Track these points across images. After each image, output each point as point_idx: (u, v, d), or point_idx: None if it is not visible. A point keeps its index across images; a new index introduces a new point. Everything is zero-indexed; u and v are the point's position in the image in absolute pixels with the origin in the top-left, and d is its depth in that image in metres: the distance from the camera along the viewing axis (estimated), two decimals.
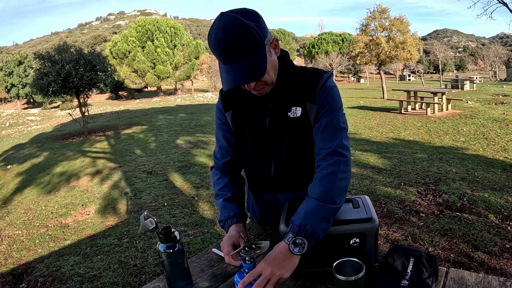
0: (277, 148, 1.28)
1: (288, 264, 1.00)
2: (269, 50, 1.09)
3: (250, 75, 1.04)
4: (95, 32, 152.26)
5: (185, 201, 4.81)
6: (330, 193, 1.07)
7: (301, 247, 1.01)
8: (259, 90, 1.15)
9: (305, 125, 1.23)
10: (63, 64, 11.81)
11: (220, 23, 0.99)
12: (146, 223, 1.03)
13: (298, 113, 1.22)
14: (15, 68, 39.62)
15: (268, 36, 1.08)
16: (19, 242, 4.08)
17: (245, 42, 1.00)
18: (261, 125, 1.27)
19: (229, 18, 0.99)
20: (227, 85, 1.06)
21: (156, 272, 3.07)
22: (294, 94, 1.22)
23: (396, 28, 16.30)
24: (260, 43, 1.03)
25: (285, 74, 1.21)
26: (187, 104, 22.75)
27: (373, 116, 11.22)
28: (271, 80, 1.14)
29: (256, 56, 1.03)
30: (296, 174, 1.32)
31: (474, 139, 7.20)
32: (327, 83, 1.20)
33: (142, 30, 33.45)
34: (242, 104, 1.29)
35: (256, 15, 1.04)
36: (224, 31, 0.98)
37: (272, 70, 1.13)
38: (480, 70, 63.77)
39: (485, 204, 3.89)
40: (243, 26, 0.99)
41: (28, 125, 22.76)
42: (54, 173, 7.17)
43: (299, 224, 1.02)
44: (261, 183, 1.39)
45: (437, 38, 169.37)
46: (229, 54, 1.01)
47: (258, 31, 1.02)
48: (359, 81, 47.62)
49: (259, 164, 1.34)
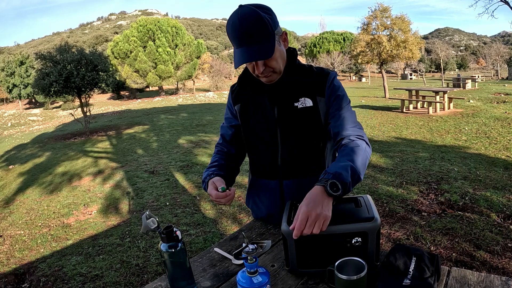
0: (285, 136, 1.37)
1: (328, 204, 1.03)
2: (279, 40, 1.23)
3: (259, 55, 1.18)
4: (96, 32, 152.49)
5: (187, 200, 4.81)
6: (358, 161, 1.15)
7: (336, 188, 1.04)
8: (267, 77, 1.27)
9: (314, 116, 1.33)
10: (65, 64, 11.82)
11: (238, 13, 1.15)
12: (148, 222, 1.03)
13: (308, 103, 1.32)
14: (17, 68, 39.73)
15: (278, 28, 1.23)
16: (21, 242, 4.09)
17: (258, 29, 1.15)
18: (270, 115, 1.37)
19: (246, 9, 1.15)
20: (238, 62, 1.18)
21: (158, 271, 3.08)
22: (303, 87, 1.33)
23: (397, 27, 16.27)
24: (271, 32, 1.18)
25: (292, 67, 1.33)
26: (189, 103, 22.76)
27: (375, 115, 11.21)
28: (279, 68, 1.26)
29: (267, 41, 1.17)
30: (301, 161, 1.39)
31: (476, 138, 7.18)
32: (335, 81, 1.34)
33: (143, 30, 33.47)
34: (251, 96, 1.40)
35: (269, 9, 1.21)
36: (242, 18, 1.14)
37: (280, 59, 1.25)
38: (481, 68, 63.56)
39: (487, 203, 3.88)
40: (258, 15, 1.14)
41: (30, 125, 22.81)
42: (56, 173, 7.18)
43: (333, 172, 1.07)
44: (267, 170, 1.45)
45: (439, 37, 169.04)
46: (244, 39, 1.15)
47: (270, 22, 1.17)
48: (360, 80, 47.55)
49: (267, 151, 1.42)
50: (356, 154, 1.17)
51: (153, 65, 33.51)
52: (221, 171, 1.38)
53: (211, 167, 1.41)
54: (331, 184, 1.04)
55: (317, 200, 1.02)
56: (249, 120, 1.42)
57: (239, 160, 1.52)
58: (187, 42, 35.92)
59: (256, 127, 1.41)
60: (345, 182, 1.05)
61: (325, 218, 0.99)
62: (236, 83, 1.46)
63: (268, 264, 1.20)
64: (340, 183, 1.04)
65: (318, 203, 1.01)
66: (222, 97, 26.66)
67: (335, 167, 1.10)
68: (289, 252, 1.11)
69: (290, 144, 1.37)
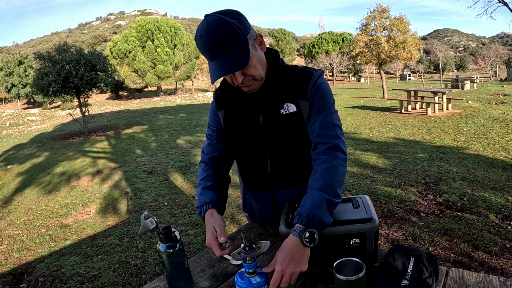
0: (272, 145, 1.31)
1: (304, 257, 1.00)
2: (253, 45, 1.13)
3: (234, 65, 1.08)
4: (95, 32, 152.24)
5: (186, 201, 4.81)
6: (332, 186, 1.08)
7: (312, 238, 1.00)
8: (248, 86, 1.17)
9: (299, 122, 1.26)
10: (64, 64, 11.81)
11: (204, 23, 1.06)
12: (147, 223, 1.03)
13: (291, 109, 1.25)
14: (16, 68, 39.65)
15: (251, 32, 1.13)
16: (20, 242, 4.08)
17: (227, 37, 1.05)
18: (256, 123, 1.30)
19: (212, 18, 1.05)
20: (214, 77, 1.10)
21: (157, 272, 3.07)
22: (287, 91, 1.25)
23: (396, 27, 16.28)
24: (242, 38, 1.08)
25: (275, 71, 1.24)
26: (188, 104, 22.75)
27: (374, 116, 11.22)
28: (259, 75, 1.16)
29: (239, 50, 1.07)
30: (292, 170, 1.34)
31: (475, 138, 7.19)
32: (318, 81, 1.24)
33: (142, 30, 33.46)
34: (235, 104, 1.31)
35: (238, 13, 1.10)
36: (208, 29, 1.04)
37: (260, 65, 1.16)
38: (480, 69, 63.71)
39: (486, 203, 3.89)
40: (225, 23, 1.04)
41: (28, 125, 22.77)
42: (54, 173, 7.17)
43: (307, 215, 1.01)
44: (258, 180, 1.40)
45: (438, 37, 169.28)
46: (215, 50, 1.06)
47: (240, 27, 1.07)
48: (359, 80, 47.62)
49: (255, 161, 1.36)
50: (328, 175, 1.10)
51: (152, 65, 33.49)
52: (217, 196, 1.28)
53: (205, 188, 1.30)
54: (307, 234, 0.99)
55: (292, 255, 0.99)
56: (234, 128, 1.34)
57: (229, 164, 1.43)
58: (186, 42, 35.90)
59: (242, 137, 1.34)
60: (322, 222, 1.01)
61: (300, 272, 0.99)
62: (219, 88, 1.36)
63: (266, 264, 1.19)
64: (315, 227, 1.00)
65: (293, 258, 0.98)
66: None
67: (308, 205, 1.04)
68: None
69: (279, 154, 1.31)
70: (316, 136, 1.20)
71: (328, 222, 1.03)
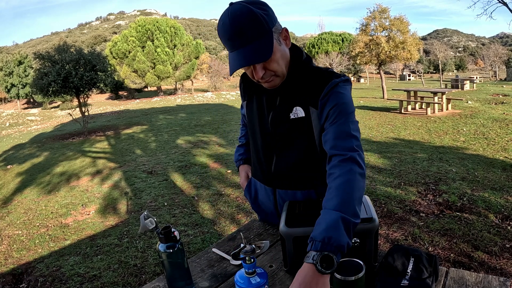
0: (279, 146, 1.29)
1: (323, 284, 0.86)
2: (278, 38, 1.09)
3: (256, 56, 1.03)
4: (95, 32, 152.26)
5: (185, 201, 4.81)
6: (349, 203, 0.96)
7: (329, 262, 0.86)
8: (269, 82, 1.13)
9: (306, 128, 1.20)
10: (63, 64, 11.80)
11: (228, 11, 1.02)
12: (146, 223, 1.03)
13: (300, 114, 1.19)
14: (15, 68, 39.64)
15: (277, 25, 1.08)
16: (19, 242, 4.08)
17: (251, 26, 1.01)
18: (265, 122, 1.29)
19: (237, 6, 1.01)
20: (234, 67, 1.05)
21: (156, 272, 3.07)
22: (300, 95, 1.19)
23: (396, 28, 16.28)
24: (267, 29, 1.03)
25: (296, 70, 1.18)
26: (187, 104, 22.75)
27: (373, 116, 11.22)
28: (281, 71, 1.12)
29: (263, 40, 1.03)
30: (295, 173, 1.31)
31: (474, 139, 7.20)
32: (336, 89, 1.14)
33: (142, 30, 33.44)
34: (255, 95, 1.31)
35: (264, 4, 1.06)
36: (232, 17, 1.00)
37: (282, 61, 1.11)
38: (480, 70, 63.71)
39: (485, 204, 3.89)
40: (250, 11, 1.00)
41: (28, 125, 22.76)
42: (54, 173, 7.17)
43: (321, 239, 0.88)
44: (263, 175, 1.41)
45: (437, 38, 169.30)
46: (236, 40, 1.02)
47: (265, 17, 1.03)
48: (359, 80, 47.63)
49: (263, 156, 1.36)
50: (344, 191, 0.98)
51: (151, 65, 33.48)
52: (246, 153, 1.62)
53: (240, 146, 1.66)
54: (322, 260, 0.86)
55: (307, 284, 0.84)
56: (250, 120, 1.37)
57: None
58: (186, 42, 35.90)
59: (256, 131, 1.35)
60: (340, 245, 0.88)
61: None
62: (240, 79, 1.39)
63: (266, 264, 1.20)
64: (333, 251, 0.87)
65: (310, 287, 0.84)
66: (221, 97, 26.65)
67: (322, 227, 0.91)
68: (287, 253, 1.11)
69: (285, 155, 1.28)
70: (330, 147, 1.10)
71: (346, 246, 0.89)
